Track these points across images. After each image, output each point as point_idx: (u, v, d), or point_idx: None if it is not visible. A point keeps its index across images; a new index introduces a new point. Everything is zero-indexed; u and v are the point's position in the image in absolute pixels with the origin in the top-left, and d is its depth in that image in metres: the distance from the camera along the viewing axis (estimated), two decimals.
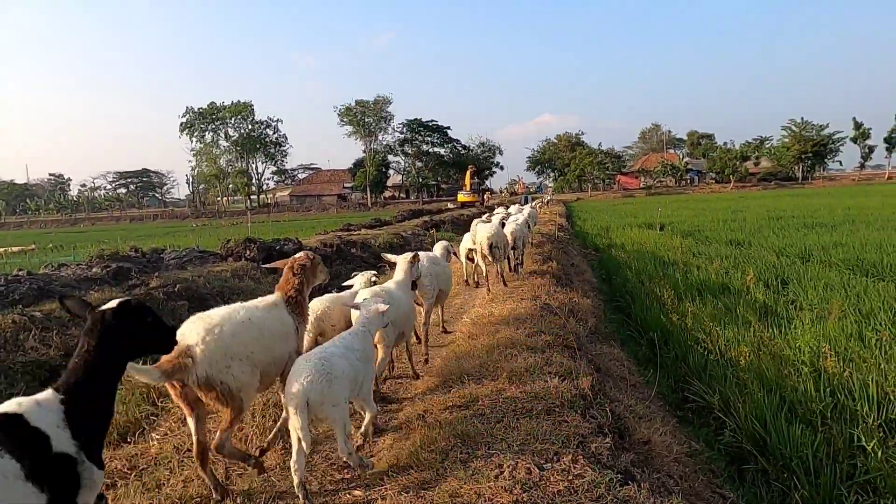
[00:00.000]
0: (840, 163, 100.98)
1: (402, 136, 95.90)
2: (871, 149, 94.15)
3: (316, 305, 4.22)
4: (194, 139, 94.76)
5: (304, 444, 2.59)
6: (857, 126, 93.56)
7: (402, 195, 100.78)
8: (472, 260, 8.42)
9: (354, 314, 3.53)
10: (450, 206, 63.15)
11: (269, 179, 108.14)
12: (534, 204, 32.45)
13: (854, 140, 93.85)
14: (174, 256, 13.84)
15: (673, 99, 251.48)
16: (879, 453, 4.09)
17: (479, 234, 7.72)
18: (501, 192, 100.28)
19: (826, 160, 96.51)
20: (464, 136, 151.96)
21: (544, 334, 4.72)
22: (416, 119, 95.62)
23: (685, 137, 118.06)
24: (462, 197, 64.47)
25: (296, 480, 2.59)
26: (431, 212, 48.40)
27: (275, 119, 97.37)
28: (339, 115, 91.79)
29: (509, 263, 9.04)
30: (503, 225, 8.69)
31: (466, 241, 8.53)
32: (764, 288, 10.78)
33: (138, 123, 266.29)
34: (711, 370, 6.36)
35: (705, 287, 11.01)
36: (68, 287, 10.35)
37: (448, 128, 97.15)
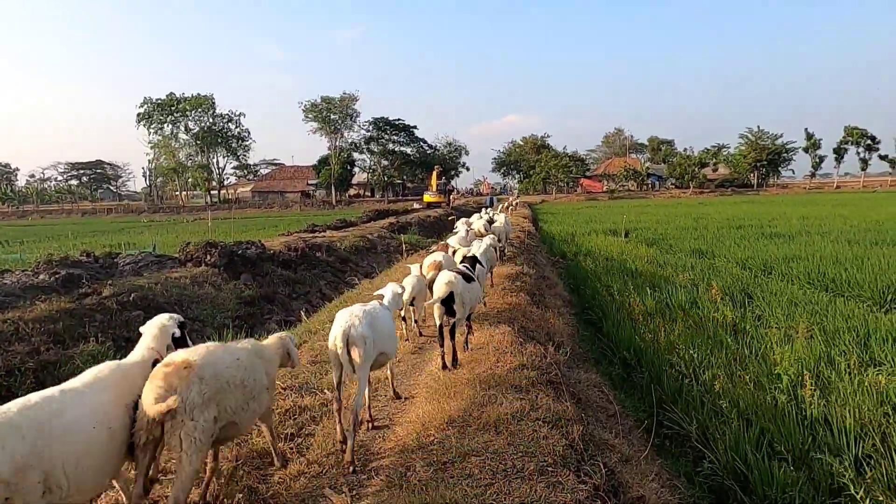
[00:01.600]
0: (792, 171, 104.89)
1: (369, 133, 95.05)
2: (822, 158, 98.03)
3: None
4: (152, 131, 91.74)
5: None
6: (809, 137, 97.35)
7: (367, 193, 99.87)
8: None
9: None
10: (416, 206, 62.76)
11: (230, 174, 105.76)
12: (504, 207, 32.34)
13: (806, 150, 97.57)
14: (129, 261, 13.17)
15: (635, 103, 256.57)
16: (861, 492, 4.06)
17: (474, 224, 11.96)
18: (461, 192, 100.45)
19: (780, 168, 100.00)
20: (430, 135, 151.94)
21: (527, 369, 4.53)
22: (382, 117, 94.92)
23: (646, 143, 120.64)
24: (428, 197, 64.07)
25: None
26: (397, 212, 47.98)
27: (237, 113, 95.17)
28: (304, 111, 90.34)
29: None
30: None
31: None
32: (731, 303, 10.90)
33: (93, 112, 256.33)
34: (687, 395, 6.31)
35: (674, 301, 11.07)
36: (12, 296, 9.68)
37: (415, 127, 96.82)
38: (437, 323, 5.11)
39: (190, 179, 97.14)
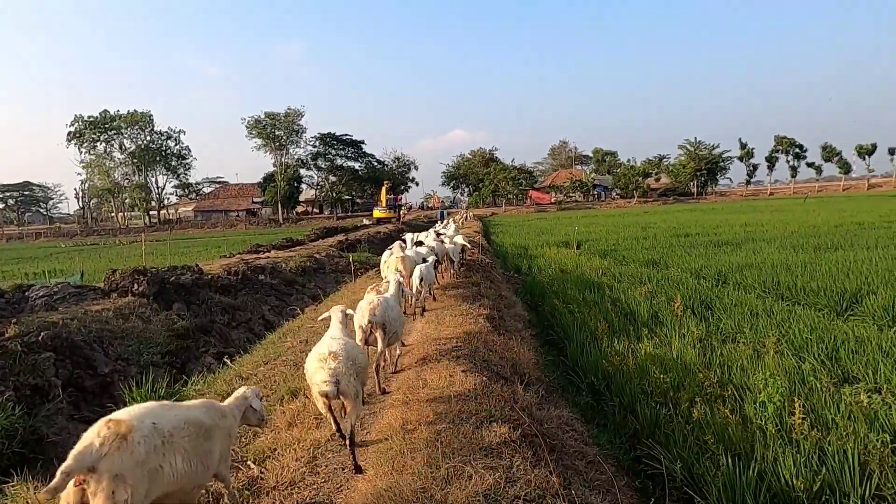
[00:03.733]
0: (730, 179, 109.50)
1: (315, 149, 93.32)
2: (755, 167, 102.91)
3: None
4: (84, 150, 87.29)
5: None
6: (743, 146, 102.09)
7: (315, 210, 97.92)
8: None
9: None
10: (365, 221, 61.96)
11: (170, 194, 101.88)
12: (456, 218, 31.79)
13: (740, 159, 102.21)
14: (43, 294, 11.78)
15: (578, 116, 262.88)
16: None
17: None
18: (411, 207, 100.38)
19: (717, 177, 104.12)
20: (378, 150, 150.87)
21: (496, 421, 3.82)
22: (329, 133, 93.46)
23: (591, 154, 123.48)
24: (378, 213, 63.24)
25: None
26: (347, 229, 46.98)
27: (176, 130, 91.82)
28: (247, 127, 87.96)
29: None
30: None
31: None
32: (693, 316, 10.60)
33: (18, 132, 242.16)
34: (666, 426, 5.77)
35: (636, 316, 10.69)
36: None
37: (362, 142, 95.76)
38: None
39: (127, 200, 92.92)
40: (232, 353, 12.03)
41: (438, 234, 14.36)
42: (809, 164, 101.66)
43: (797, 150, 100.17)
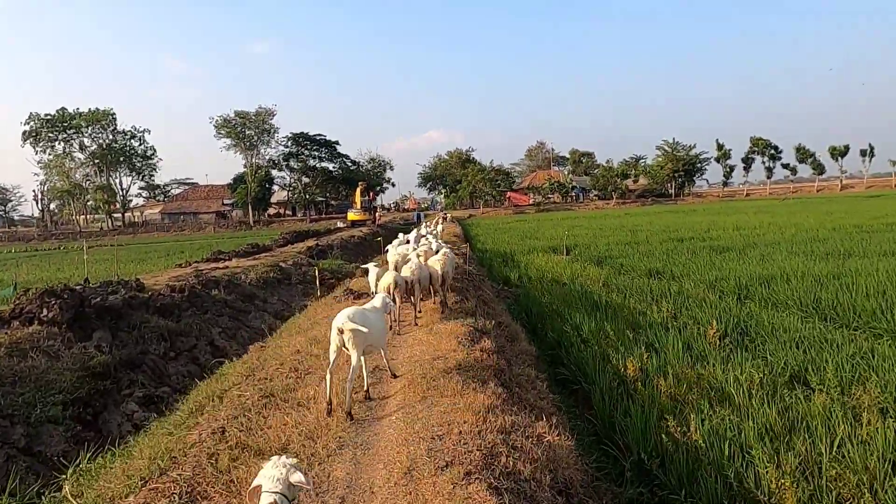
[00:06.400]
0: (707, 181, 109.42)
1: (287, 150, 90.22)
2: (732, 168, 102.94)
3: None
4: (40, 150, 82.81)
5: None
6: (720, 147, 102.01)
7: (287, 212, 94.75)
8: None
9: None
10: (339, 224, 59.57)
11: (136, 196, 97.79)
12: (436, 222, 29.60)
13: (717, 160, 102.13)
14: None
15: (555, 117, 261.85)
16: None
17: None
18: (388, 208, 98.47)
19: (694, 178, 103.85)
20: (353, 150, 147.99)
21: None
22: (301, 133, 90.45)
23: (568, 155, 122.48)
24: (352, 215, 60.79)
25: None
26: (319, 233, 44.50)
27: (141, 129, 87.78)
28: (215, 126, 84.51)
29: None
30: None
31: None
32: (737, 349, 8.61)
33: None
34: None
35: (669, 350, 8.61)
36: None
37: (336, 142, 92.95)
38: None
39: (90, 202, 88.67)
40: (165, 395, 9.71)
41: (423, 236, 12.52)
42: (784, 166, 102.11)
43: (773, 151, 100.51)
